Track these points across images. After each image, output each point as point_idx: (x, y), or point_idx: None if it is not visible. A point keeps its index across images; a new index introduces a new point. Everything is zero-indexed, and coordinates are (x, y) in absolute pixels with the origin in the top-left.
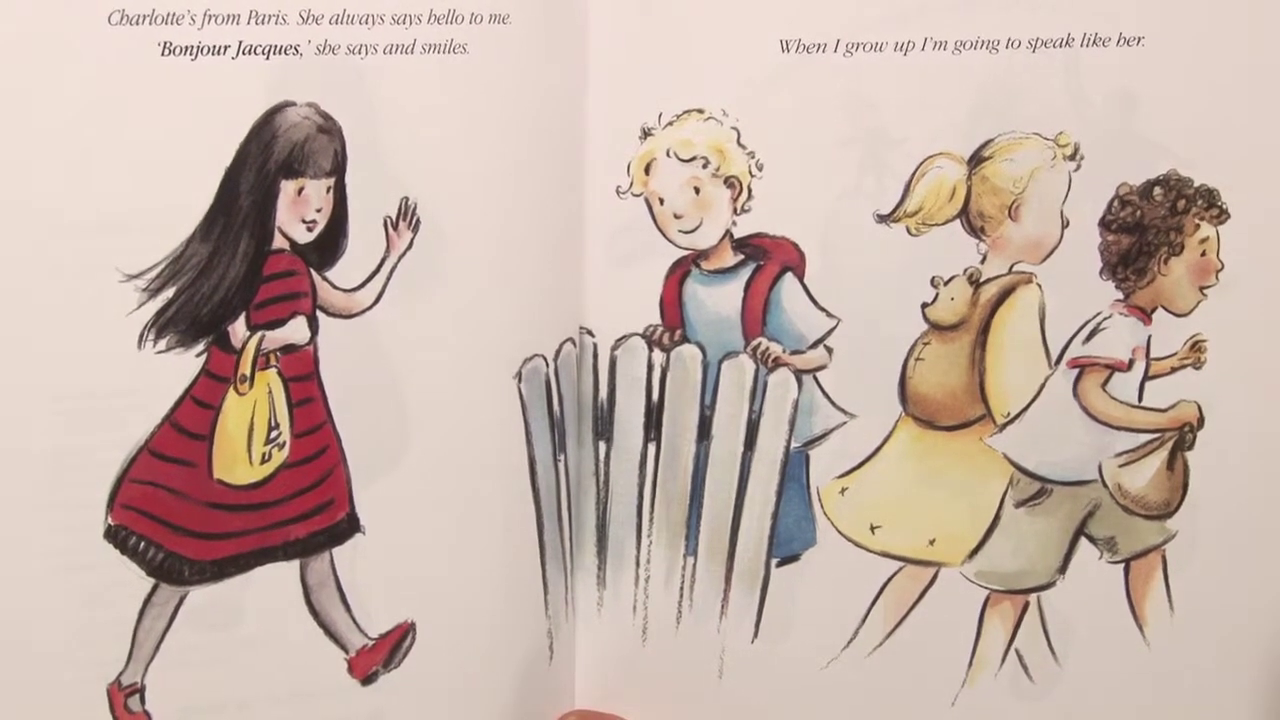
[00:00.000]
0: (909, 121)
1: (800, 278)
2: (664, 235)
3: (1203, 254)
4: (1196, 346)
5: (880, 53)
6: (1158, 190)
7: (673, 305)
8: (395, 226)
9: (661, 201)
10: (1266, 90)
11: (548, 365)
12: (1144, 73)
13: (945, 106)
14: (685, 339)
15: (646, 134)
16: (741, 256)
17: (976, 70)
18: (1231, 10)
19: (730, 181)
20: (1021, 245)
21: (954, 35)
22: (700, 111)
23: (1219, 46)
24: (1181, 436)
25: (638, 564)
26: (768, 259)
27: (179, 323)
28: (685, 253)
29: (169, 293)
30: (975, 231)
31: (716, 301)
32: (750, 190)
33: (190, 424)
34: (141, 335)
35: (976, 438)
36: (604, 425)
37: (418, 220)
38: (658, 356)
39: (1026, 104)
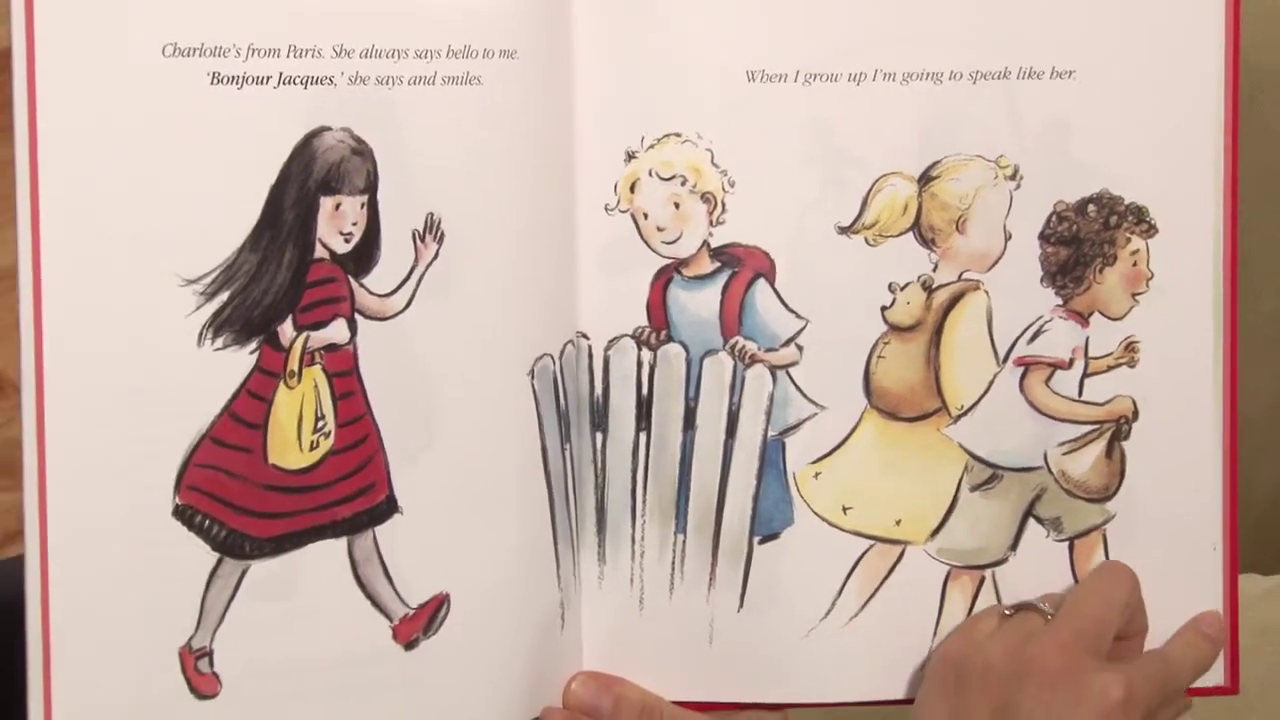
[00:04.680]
0: (864, 144)
1: (771, 283)
2: (648, 246)
3: (1134, 264)
4: (1130, 347)
5: (835, 82)
6: (1091, 207)
7: (658, 309)
8: (423, 238)
9: (645, 216)
10: (1185, 117)
11: (554, 363)
12: (1075, 102)
13: (896, 131)
14: (670, 339)
15: (630, 156)
16: (718, 264)
17: (923, 99)
18: (1152, 46)
19: (706, 197)
20: (969, 256)
21: (901, 67)
22: (678, 135)
23: (1142, 78)
24: (1118, 427)
25: (633, 542)
26: (742, 266)
27: (233, 323)
28: (668, 261)
29: (223, 296)
30: (927, 243)
31: (697, 305)
32: (724, 205)
33: (246, 414)
34: (200, 334)
35: (934, 428)
36: (600, 418)
37: (442, 233)
38: (646, 355)
39: (969, 129)
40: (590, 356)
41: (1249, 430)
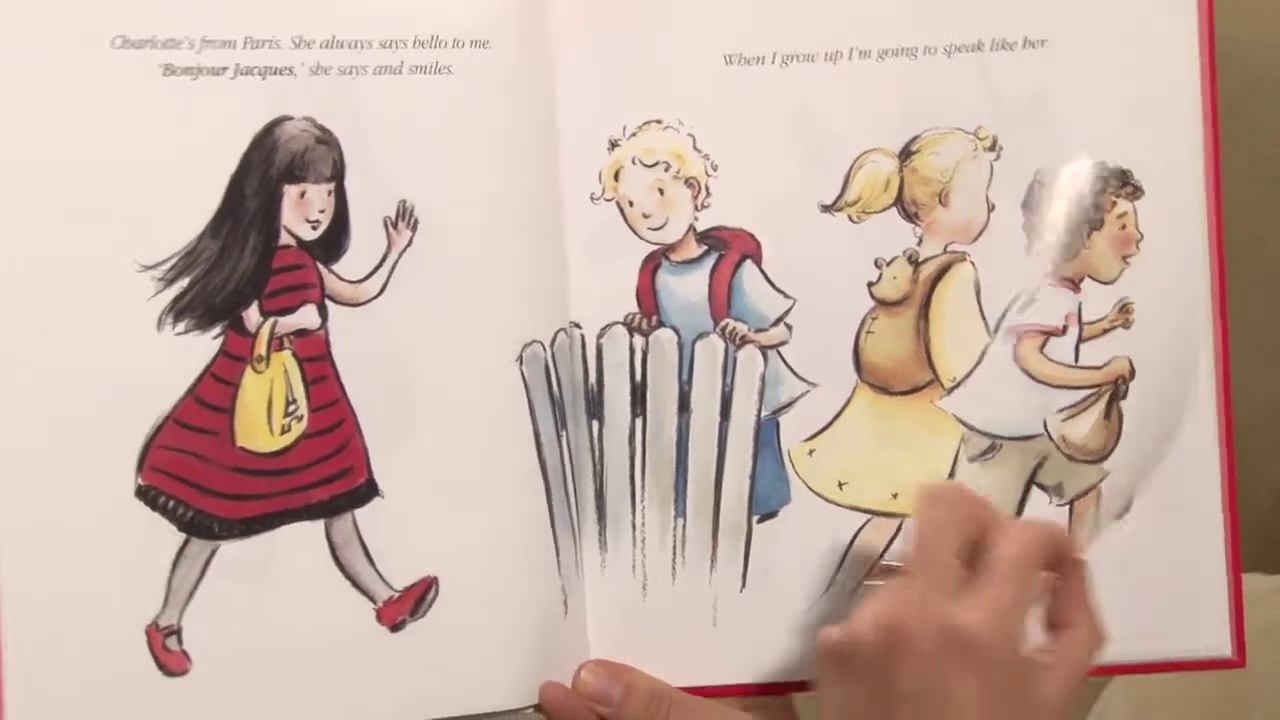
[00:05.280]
0: (843, 122)
1: (758, 264)
2: (635, 233)
3: (1122, 227)
4: (1124, 309)
5: (813, 63)
6: (1074, 173)
7: (648, 295)
8: (395, 226)
9: (631, 203)
10: (1160, 80)
11: (545, 351)
12: (1049, 71)
13: (874, 107)
14: (661, 324)
15: (613, 145)
16: (705, 248)
17: (899, 75)
18: (1122, 10)
19: (690, 182)
20: (953, 228)
21: (877, 45)
22: (659, 122)
23: (1113, 43)
24: (1116, 388)
25: (634, 527)
26: (728, 249)
27: (194, 309)
28: (655, 247)
29: (183, 282)
30: (910, 217)
31: (686, 289)
32: (708, 189)
33: (211, 397)
34: (160, 319)
35: (928, 401)
36: (595, 406)
37: (416, 220)
38: (638, 341)
39: (947, 103)
40: (583, 345)
41: (1253, 430)
